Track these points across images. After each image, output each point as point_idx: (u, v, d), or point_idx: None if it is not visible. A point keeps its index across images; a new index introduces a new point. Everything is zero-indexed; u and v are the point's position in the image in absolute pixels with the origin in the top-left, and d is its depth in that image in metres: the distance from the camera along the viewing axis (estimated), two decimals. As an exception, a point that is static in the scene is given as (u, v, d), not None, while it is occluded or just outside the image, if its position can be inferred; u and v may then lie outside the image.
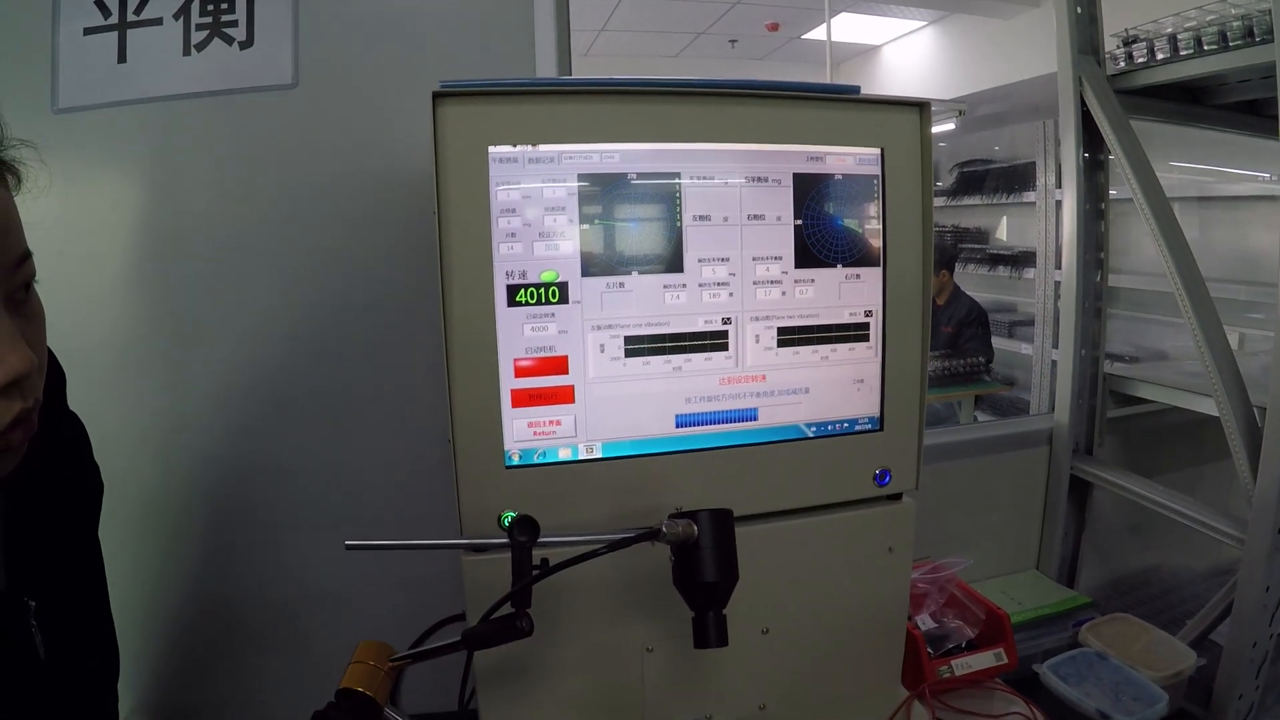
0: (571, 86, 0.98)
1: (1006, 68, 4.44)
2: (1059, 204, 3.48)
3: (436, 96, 0.90)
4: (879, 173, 1.06)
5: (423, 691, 1.25)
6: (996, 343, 4.09)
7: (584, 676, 1.05)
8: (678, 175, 0.99)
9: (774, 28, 5.72)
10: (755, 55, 6.45)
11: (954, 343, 3.90)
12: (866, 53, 6.45)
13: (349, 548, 0.88)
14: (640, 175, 0.98)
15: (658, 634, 1.05)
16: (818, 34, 5.55)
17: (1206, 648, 1.58)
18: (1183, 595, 1.98)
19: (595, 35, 5.71)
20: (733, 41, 6.10)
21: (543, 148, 0.94)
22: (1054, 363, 2.87)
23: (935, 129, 4.17)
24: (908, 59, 6.04)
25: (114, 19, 1.28)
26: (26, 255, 0.64)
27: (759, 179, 1.02)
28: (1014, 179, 4.31)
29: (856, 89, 1.05)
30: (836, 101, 1.05)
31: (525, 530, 0.85)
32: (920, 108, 1.07)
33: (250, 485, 1.38)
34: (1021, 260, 4.23)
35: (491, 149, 0.93)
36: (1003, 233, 4.80)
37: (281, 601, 1.41)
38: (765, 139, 1.01)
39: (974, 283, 4.51)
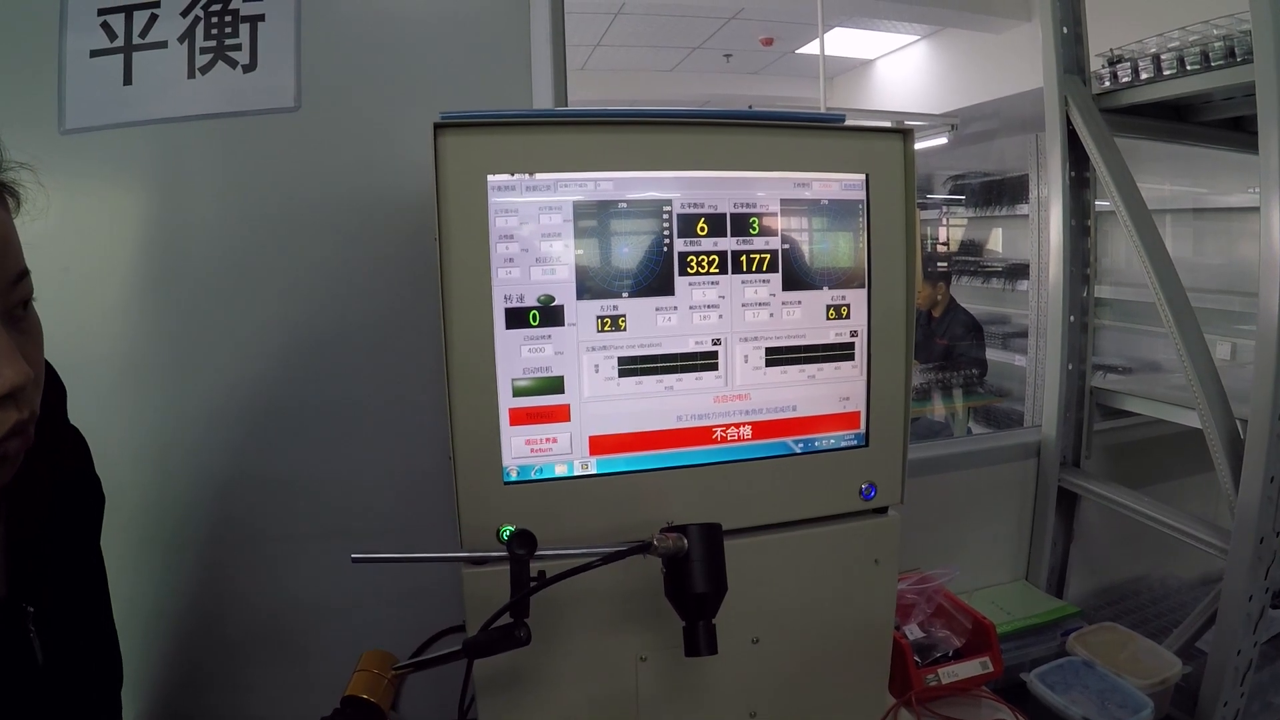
0: (567, 117, 1.02)
1: (999, 81, 4.46)
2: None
3: (438, 127, 0.94)
4: (864, 198, 1.09)
5: (425, 702, 1.27)
6: (991, 355, 4.11)
7: (580, 685, 1.07)
8: (669, 201, 1.02)
9: (768, 43, 5.75)
10: (750, 70, 6.47)
11: (949, 355, 3.91)
12: (860, 67, 6.47)
13: (355, 560, 0.91)
14: (633, 202, 1.01)
15: (651, 644, 1.08)
16: (812, 48, 5.58)
17: (1193, 655, 1.60)
18: (1170, 604, 1.99)
19: (591, 50, 5.72)
20: (728, 56, 6.12)
21: (539, 176, 0.98)
22: (1047, 373, 2.88)
23: (929, 143, 4.22)
24: (901, 73, 6.06)
25: (120, 42, 1.30)
26: (25, 273, 0.66)
27: (748, 205, 1.05)
28: (1006, 192, 4.34)
29: (841, 118, 1.08)
30: (822, 130, 1.08)
31: (523, 543, 0.88)
32: (904, 134, 1.10)
33: (251, 498, 1.40)
34: (1015, 272, 4.26)
35: (490, 177, 0.96)
36: (996, 245, 4.82)
37: (283, 612, 1.43)
38: (753, 167, 1.05)
39: (968, 295, 4.53)
